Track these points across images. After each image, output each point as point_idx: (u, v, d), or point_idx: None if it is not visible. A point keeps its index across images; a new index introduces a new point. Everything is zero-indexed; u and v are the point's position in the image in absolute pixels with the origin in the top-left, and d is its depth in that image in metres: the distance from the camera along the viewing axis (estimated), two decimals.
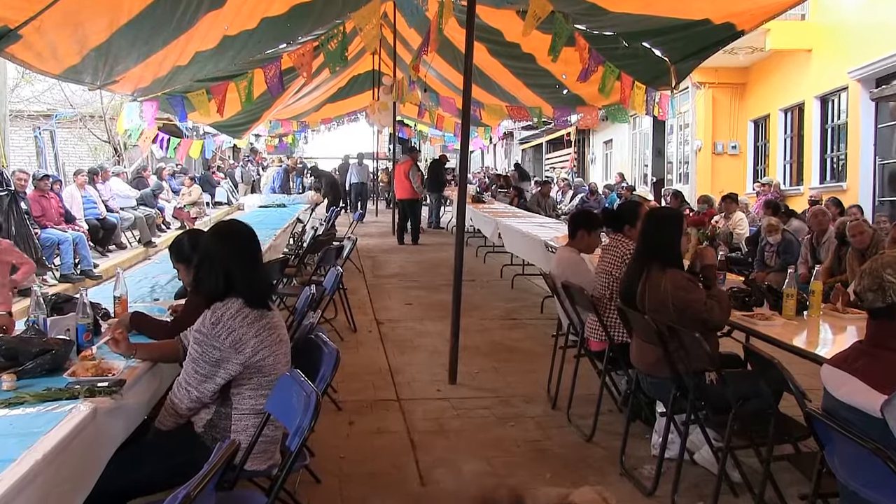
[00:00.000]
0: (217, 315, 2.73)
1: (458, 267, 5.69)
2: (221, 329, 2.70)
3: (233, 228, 2.98)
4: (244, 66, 8.69)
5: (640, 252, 3.98)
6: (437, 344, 6.67)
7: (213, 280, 2.81)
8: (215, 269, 2.81)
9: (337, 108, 18.59)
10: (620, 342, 4.43)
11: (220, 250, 2.85)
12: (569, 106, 10.97)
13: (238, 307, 2.76)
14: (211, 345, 2.70)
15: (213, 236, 2.92)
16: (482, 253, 12.48)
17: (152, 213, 13.95)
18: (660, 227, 3.89)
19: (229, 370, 2.73)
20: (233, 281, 2.81)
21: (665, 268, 3.76)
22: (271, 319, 2.83)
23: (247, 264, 2.86)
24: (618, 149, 22.91)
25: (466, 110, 5.74)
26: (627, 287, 3.99)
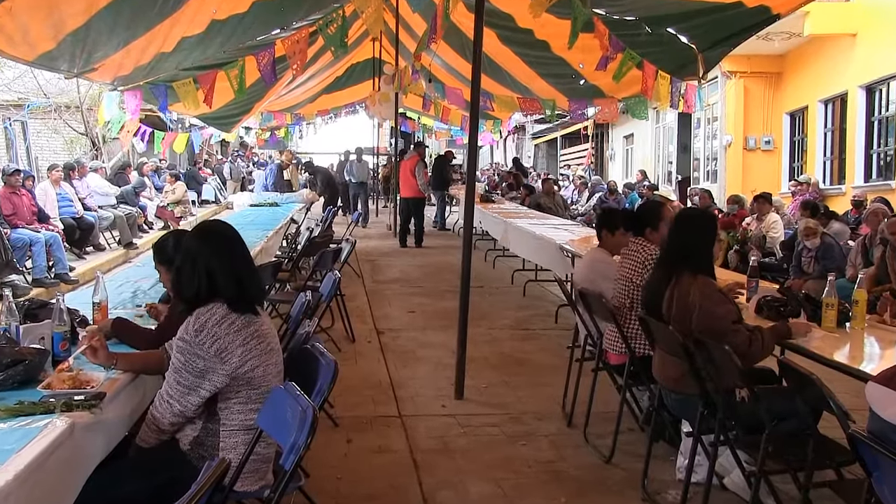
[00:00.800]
0: (201, 321, 2.73)
1: (466, 272, 5.69)
2: (205, 336, 2.70)
3: (215, 227, 3.01)
4: (234, 53, 8.71)
5: (667, 256, 3.96)
6: (442, 355, 6.66)
7: (195, 282, 2.82)
8: (197, 271, 2.82)
9: (334, 98, 18.63)
10: (642, 355, 4.42)
11: (203, 250, 2.86)
12: (585, 98, 10.98)
13: (223, 313, 2.76)
14: (194, 353, 2.70)
15: (194, 235, 2.94)
16: (491, 257, 12.48)
17: (133, 213, 13.96)
18: (691, 230, 3.87)
19: (215, 382, 2.72)
20: (216, 283, 2.81)
21: (696, 274, 3.73)
22: (260, 327, 2.83)
23: (231, 265, 2.87)
24: (639, 144, 22.88)
25: (475, 102, 5.73)
26: (651, 295, 3.97)
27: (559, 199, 15.56)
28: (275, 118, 18.34)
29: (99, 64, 7.12)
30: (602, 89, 10.11)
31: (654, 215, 4.75)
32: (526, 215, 12.02)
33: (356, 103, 20.55)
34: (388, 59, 15.36)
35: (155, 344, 3.26)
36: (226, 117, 12.39)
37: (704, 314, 3.62)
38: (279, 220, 10.56)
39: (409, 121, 23.17)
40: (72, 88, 17.08)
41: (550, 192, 15.35)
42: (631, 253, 4.69)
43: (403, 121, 22.02)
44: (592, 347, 4.98)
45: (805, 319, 4.16)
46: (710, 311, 3.61)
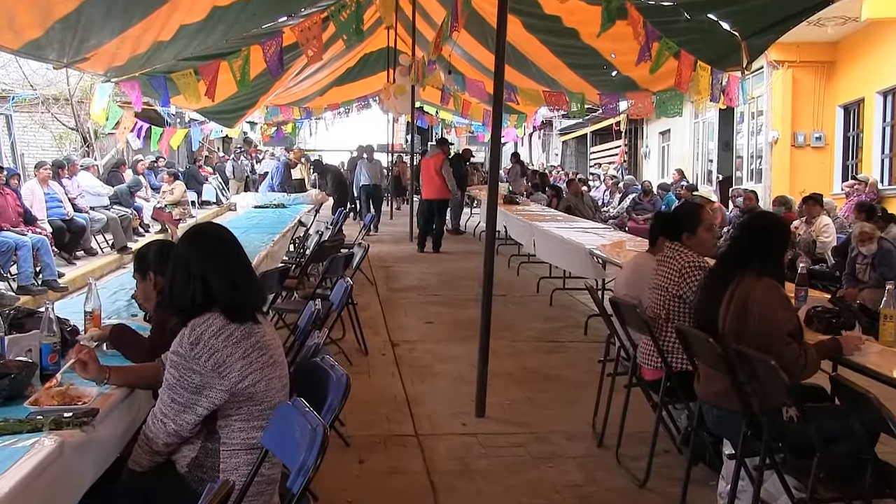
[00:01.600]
0: (196, 333, 2.72)
1: (488, 279, 5.68)
2: (202, 350, 2.70)
3: (207, 230, 3.04)
4: (237, 42, 8.75)
5: (731, 258, 3.91)
6: (462, 370, 6.66)
7: (189, 289, 2.82)
8: (192, 277, 2.82)
9: (345, 91, 18.70)
10: (679, 370, 4.40)
11: (195, 254, 2.87)
12: (618, 91, 10.94)
13: (221, 323, 2.75)
14: (190, 368, 2.69)
15: (186, 240, 2.95)
16: (515, 263, 12.47)
17: (128, 214, 14.07)
18: (763, 233, 3.84)
19: (213, 398, 2.71)
20: (211, 289, 2.81)
21: (761, 276, 3.71)
22: (262, 337, 2.82)
23: (227, 269, 2.88)
24: (677, 141, 22.79)
25: (498, 95, 5.73)
26: (707, 299, 3.92)
27: (588, 201, 15.53)
28: (281, 112, 18.40)
29: (91, 53, 7.15)
30: (636, 81, 10.07)
31: (691, 218, 4.72)
32: (553, 218, 12.01)
33: (369, 97, 20.61)
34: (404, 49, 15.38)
35: (149, 356, 3.27)
36: (229, 111, 12.45)
37: (763, 317, 3.59)
38: (286, 223, 10.60)
39: (426, 115, 23.21)
40: (61, 79, 16.73)
41: (578, 192, 15.33)
42: (666, 260, 4.66)
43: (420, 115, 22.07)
44: (626, 361, 4.96)
45: (859, 332, 4.11)
46: (770, 315, 3.59)
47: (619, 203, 18.35)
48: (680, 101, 10.18)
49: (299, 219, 11.86)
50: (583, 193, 15.76)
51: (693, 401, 4.13)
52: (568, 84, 11.50)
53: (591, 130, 28.26)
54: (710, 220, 4.80)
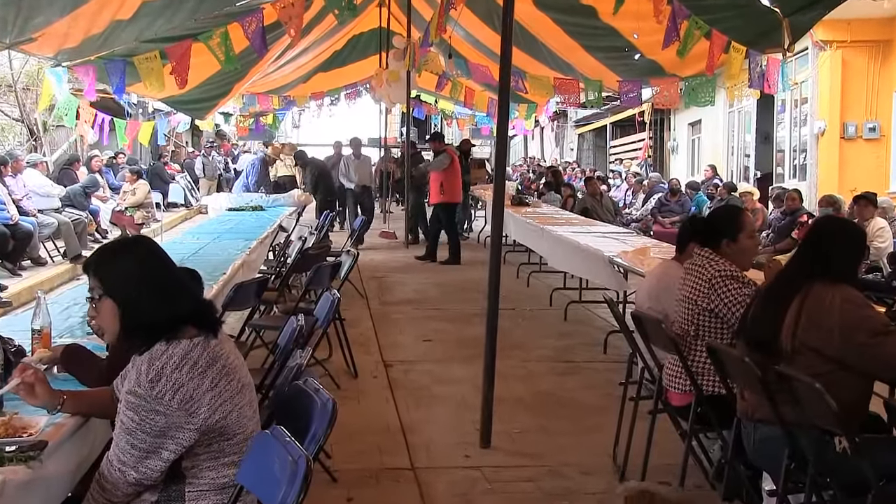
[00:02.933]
0: (156, 369, 2.69)
1: (494, 291, 5.69)
2: (165, 387, 2.67)
3: (137, 239, 3.09)
4: (208, 22, 8.75)
5: (798, 268, 3.90)
6: (465, 394, 6.66)
7: (152, 308, 2.79)
8: (153, 292, 2.81)
9: (331, 78, 18.75)
10: (711, 393, 4.40)
11: (142, 264, 2.88)
12: (640, 77, 10.97)
13: (182, 352, 2.73)
14: (152, 410, 2.66)
15: (121, 254, 2.93)
16: (525, 272, 12.49)
17: (83, 218, 14.00)
18: (838, 240, 3.84)
19: (181, 440, 2.69)
20: (174, 300, 2.82)
21: (836, 283, 3.70)
22: (226, 361, 2.81)
23: (180, 277, 2.94)
24: (708, 133, 22.80)
25: (505, 82, 5.75)
26: (760, 320, 3.90)
27: (608, 202, 15.54)
28: (259, 102, 18.42)
29: (38, 33, 7.14)
30: (662, 66, 10.10)
31: (733, 223, 4.66)
32: (568, 221, 12.02)
33: (359, 83, 20.64)
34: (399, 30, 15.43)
35: (106, 381, 3.27)
36: (199, 101, 12.47)
37: (850, 319, 3.56)
38: (264, 228, 10.62)
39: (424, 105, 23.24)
40: (2, 63, 16.60)
41: (596, 192, 15.34)
42: (696, 268, 4.62)
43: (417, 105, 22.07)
44: (650, 384, 4.97)
45: None
46: (857, 314, 3.57)
47: (642, 204, 18.38)
48: (712, 88, 10.18)
49: (280, 223, 11.88)
50: (601, 193, 15.78)
51: (727, 429, 4.13)
52: (584, 69, 11.53)
53: (611, 122, 28.28)
54: (753, 227, 4.78)
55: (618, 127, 29.10)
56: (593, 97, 11.78)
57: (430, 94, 21.14)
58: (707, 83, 9.95)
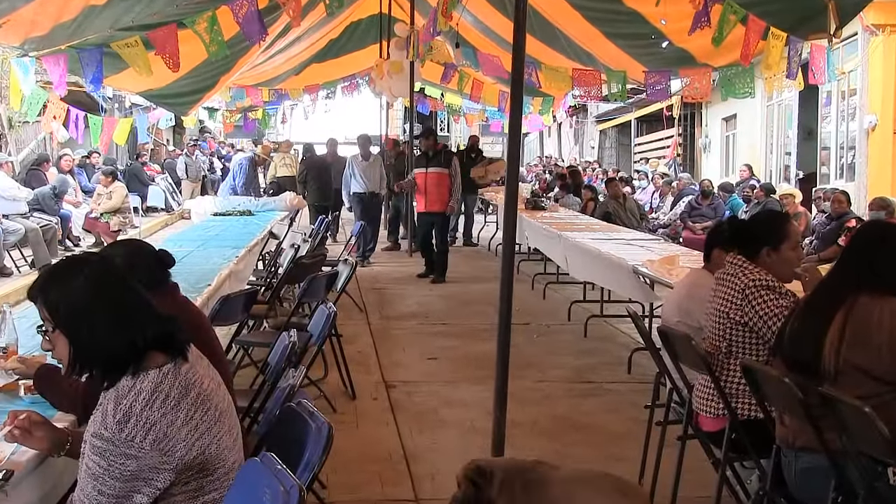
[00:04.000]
0: (123, 409, 2.66)
1: (506, 304, 5.70)
2: (135, 428, 2.64)
3: (84, 257, 2.94)
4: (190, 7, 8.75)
5: (841, 278, 3.89)
6: (475, 417, 6.66)
7: (108, 338, 2.73)
8: (108, 321, 2.75)
9: (327, 70, 18.76)
10: (747, 418, 4.40)
11: (98, 289, 2.79)
12: (669, 67, 10.97)
13: (152, 386, 2.70)
14: (121, 454, 2.63)
15: (73, 277, 2.81)
16: (541, 283, 12.49)
17: (52, 224, 14.01)
18: (887, 248, 3.82)
19: (155, 483, 2.67)
20: (135, 331, 2.76)
21: (884, 295, 3.69)
22: (200, 386, 2.78)
23: (140, 297, 2.86)
24: (745, 129, 22.77)
25: (518, 73, 5.77)
26: (800, 336, 3.90)
27: (632, 205, 15.52)
28: (248, 95, 18.42)
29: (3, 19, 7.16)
30: (692, 55, 10.10)
31: (776, 230, 4.62)
32: (588, 227, 12.02)
33: (357, 75, 20.66)
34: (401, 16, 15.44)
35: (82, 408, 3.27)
36: (181, 94, 12.47)
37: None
38: (254, 235, 10.63)
39: (429, 99, 23.26)
40: None
41: (620, 195, 15.31)
42: (728, 278, 4.61)
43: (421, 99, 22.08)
44: (679, 407, 4.97)
45: None
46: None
47: (670, 208, 18.37)
48: (751, 79, 10.09)
49: (270, 229, 11.89)
50: (625, 196, 15.73)
51: (765, 457, 4.13)
52: (605, 59, 11.54)
53: (636, 117, 28.27)
54: (798, 237, 4.75)
55: (643, 122, 29.10)
56: (616, 90, 11.71)
57: (435, 86, 21.14)
58: (744, 73, 9.88)
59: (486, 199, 19.24)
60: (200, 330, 3.91)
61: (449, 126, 41.12)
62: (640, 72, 11.26)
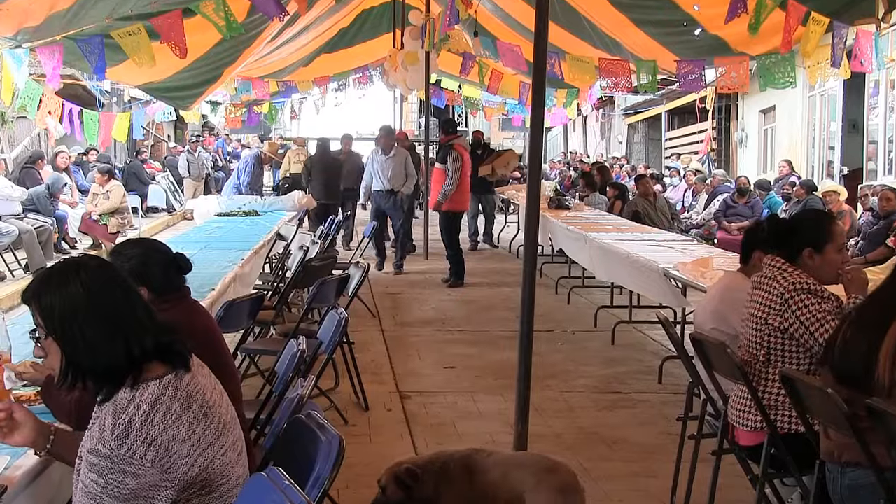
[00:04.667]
0: (123, 423, 2.65)
1: (528, 309, 5.70)
2: (134, 443, 2.64)
3: (80, 261, 2.90)
4: None
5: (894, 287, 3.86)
6: (495, 430, 6.67)
7: (103, 348, 2.72)
8: (103, 330, 2.73)
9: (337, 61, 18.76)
10: (787, 431, 4.38)
11: (94, 295, 2.76)
12: (703, 56, 10.94)
13: (152, 399, 2.69)
14: (121, 471, 2.63)
15: (68, 283, 2.78)
16: (565, 287, 12.48)
17: (48, 225, 14.07)
18: None
19: (156, 501, 2.67)
20: (133, 341, 2.74)
21: None
22: (203, 398, 2.78)
23: (138, 304, 2.84)
24: (784, 122, 22.67)
25: (541, 63, 5.76)
26: (851, 346, 3.86)
27: (663, 204, 15.47)
28: (254, 88, 18.40)
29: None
30: (728, 42, 10.07)
31: (821, 231, 4.59)
32: (616, 227, 11.99)
33: (370, 66, 20.67)
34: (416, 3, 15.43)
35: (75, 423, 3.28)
36: (184, 87, 12.50)
37: None
38: (260, 236, 10.66)
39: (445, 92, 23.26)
40: None
41: (650, 193, 15.26)
42: (766, 281, 4.58)
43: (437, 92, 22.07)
44: (714, 420, 4.95)
45: None
46: None
47: (704, 207, 18.31)
48: (791, 68, 9.96)
49: (278, 230, 11.92)
50: (656, 194, 15.68)
51: (808, 473, 4.11)
52: (634, 48, 11.52)
53: (667, 110, 28.20)
54: (843, 238, 4.72)
55: (675, 115, 29.02)
56: (647, 81, 11.63)
57: (452, 78, 21.12)
58: (784, 61, 9.78)
59: (506, 197, 19.20)
60: (213, 340, 3.92)
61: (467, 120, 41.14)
62: (672, 61, 11.22)
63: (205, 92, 13.59)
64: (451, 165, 13.27)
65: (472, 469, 4.44)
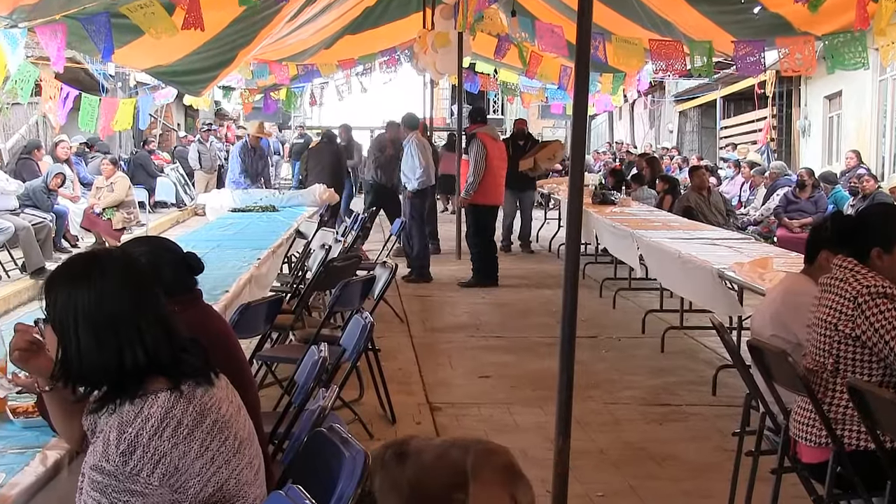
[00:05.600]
0: (129, 437, 2.63)
1: (570, 314, 5.68)
2: (142, 460, 2.62)
3: (106, 256, 2.91)
4: None
5: None
6: (533, 446, 6.65)
7: (97, 356, 2.70)
8: (103, 336, 2.71)
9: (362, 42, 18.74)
10: (855, 449, 4.36)
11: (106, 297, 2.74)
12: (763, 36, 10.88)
13: (162, 411, 2.67)
14: (125, 490, 2.62)
15: (90, 276, 2.78)
16: (611, 290, 12.47)
17: (46, 221, 14.07)
18: None
19: None
20: (149, 349, 2.74)
21: None
22: (219, 412, 2.77)
23: (161, 310, 2.83)
24: (851, 108, 22.53)
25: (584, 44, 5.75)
26: None
27: (718, 199, 15.40)
28: (271, 72, 18.38)
29: None
30: (790, 21, 10.01)
31: (888, 228, 4.61)
32: (665, 224, 11.96)
33: (398, 49, 20.65)
34: None
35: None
36: (195, 71, 12.53)
37: None
38: (278, 234, 10.69)
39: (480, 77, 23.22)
40: None
41: (703, 187, 15.19)
42: (837, 284, 4.55)
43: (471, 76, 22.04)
44: (774, 435, 4.93)
45: None
46: None
47: (763, 202, 18.23)
48: (863, 47, 9.82)
49: (297, 227, 11.94)
50: (710, 188, 15.60)
51: (877, 494, 4.09)
52: (687, 28, 11.47)
53: (722, 96, 28.11)
54: None
55: (731, 102, 28.93)
56: (702, 64, 11.53)
57: (487, 61, 21.07)
58: (854, 41, 9.61)
59: (546, 191, 19.12)
60: (228, 345, 3.94)
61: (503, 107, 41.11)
62: (728, 42, 11.15)
63: (218, 76, 13.60)
64: (474, 157, 13.21)
65: (406, 452, 4.79)
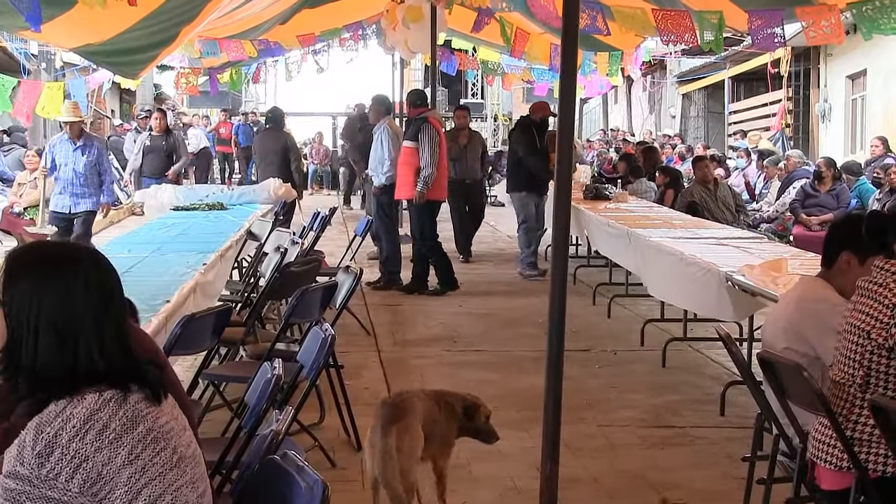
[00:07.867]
0: (47, 438, 2.64)
1: (558, 324, 5.71)
2: (60, 462, 2.63)
3: (79, 254, 2.94)
4: None
5: None
6: (517, 473, 6.70)
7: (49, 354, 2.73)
8: (56, 336, 2.74)
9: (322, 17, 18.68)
10: (883, 474, 4.38)
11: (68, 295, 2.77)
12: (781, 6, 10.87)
13: (86, 413, 2.67)
14: (41, 496, 2.64)
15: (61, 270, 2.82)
16: (605, 297, 12.50)
17: None
18: None
19: None
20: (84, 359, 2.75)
21: None
22: (154, 422, 2.75)
23: (120, 313, 2.87)
24: (877, 89, 22.58)
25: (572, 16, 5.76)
26: None
27: (726, 193, 15.45)
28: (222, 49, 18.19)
29: None
30: None
31: None
32: (666, 222, 11.99)
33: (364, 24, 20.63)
34: None
35: None
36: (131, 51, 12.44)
37: None
38: (227, 235, 10.68)
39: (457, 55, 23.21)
40: None
41: (709, 179, 15.24)
42: (875, 289, 4.51)
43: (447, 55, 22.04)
44: (789, 460, 4.96)
45: None
46: None
47: (777, 196, 18.29)
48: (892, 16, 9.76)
49: (249, 228, 11.91)
50: (717, 181, 15.65)
51: None
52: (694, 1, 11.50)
53: (731, 76, 28.19)
54: None
55: (741, 83, 29.04)
56: (712, 37, 11.42)
57: (465, 38, 21.06)
58: (888, 7, 9.42)
59: None
60: None
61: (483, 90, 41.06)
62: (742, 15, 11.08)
63: (158, 56, 13.47)
64: (427, 144, 12.97)
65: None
